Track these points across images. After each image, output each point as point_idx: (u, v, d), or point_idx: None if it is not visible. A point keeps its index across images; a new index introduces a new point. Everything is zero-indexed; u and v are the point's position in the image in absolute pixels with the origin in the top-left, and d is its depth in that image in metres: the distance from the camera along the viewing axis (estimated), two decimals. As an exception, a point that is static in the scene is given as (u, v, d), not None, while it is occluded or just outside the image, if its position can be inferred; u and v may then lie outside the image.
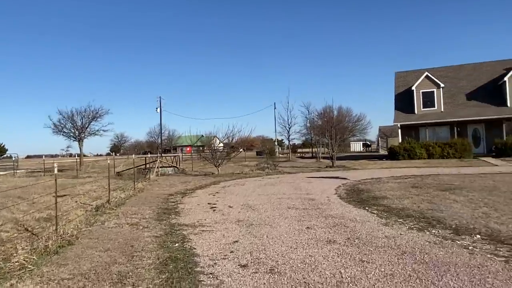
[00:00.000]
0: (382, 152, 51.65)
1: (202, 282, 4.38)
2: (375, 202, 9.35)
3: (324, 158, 34.23)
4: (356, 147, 59.58)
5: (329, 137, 22.95)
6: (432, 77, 30.00)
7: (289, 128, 40.61)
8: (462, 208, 8.11)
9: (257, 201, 10.40)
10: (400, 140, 29.61)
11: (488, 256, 4.86)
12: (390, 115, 30.94)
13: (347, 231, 6.50)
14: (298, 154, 51.90)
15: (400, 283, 4.06)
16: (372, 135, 76.05)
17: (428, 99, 30.04)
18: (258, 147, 59.91)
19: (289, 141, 43.58)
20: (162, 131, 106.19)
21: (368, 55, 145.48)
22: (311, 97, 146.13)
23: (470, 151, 26.50)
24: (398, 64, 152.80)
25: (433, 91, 29.94)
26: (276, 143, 48.66)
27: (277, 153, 47.17)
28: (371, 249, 5.39)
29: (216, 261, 5.13)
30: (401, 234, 6.15)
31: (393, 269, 4.49)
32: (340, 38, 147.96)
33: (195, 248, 5.86)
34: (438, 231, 6.28)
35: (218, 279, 4.47)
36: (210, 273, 4.66)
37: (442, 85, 29.61)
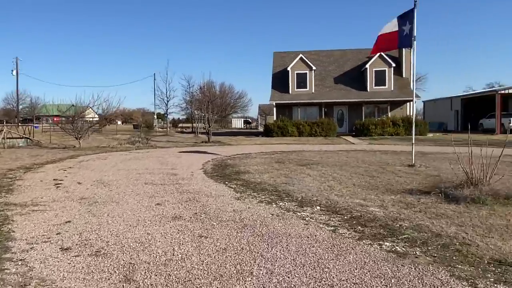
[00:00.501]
0: (261, 129, 53.99)
1: (6, 271, 3.63)
2: (236, 177, 9.38)
3: (202, 133, 34.07)
4: (237, 123, 61.09)
5: (206, 111, 22.74)
6: (306, 60, 31.96)
7: (168, 101, 39.19)
8: (312, 181, 8.62)
9: (114, 176, 9.56)
10: (275, 118, 31.10)
11: (320, 226, 5.12)
12: (269, 94, 32.11)
13: (197, 207, 6.27)
14: (179, 129, 50.87)
15: (231, 256, 3.94)
16: (253, 112, 79.01)
17: (302, 80, 32.02)
18: (137, 120, 56.88)
19: (166, 115, 42.19)
20: (23, 98, 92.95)
21: (251, 33, 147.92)
22: (194, 72, 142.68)
23: (335, 130, 29.24)
24: (280, 44, 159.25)
25: (306, 73, 31.99)
26: (155, 116, 46.73)
27: (156, 127, 45.38)
28: (214, 223, 5.23)
29: (34, 245, 4.37)
30: (249, 208, 6.16)
31: (228, 243, 4.37)
32: (222, 14, 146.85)
33: (13, 231, 4.95)
34: (285, 203, 6.48)
35: (27, 266, 3.76)
36: (21, 260, 3.92)
37: (314, 67, 31.80)
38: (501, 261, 3.86)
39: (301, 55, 32.08)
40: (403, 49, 32.52)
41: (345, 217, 5.59)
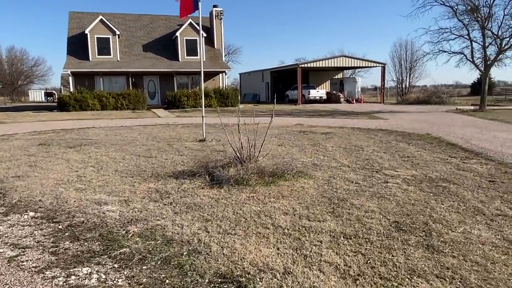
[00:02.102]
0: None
1: None
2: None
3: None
4: (37, 96, 51.51)
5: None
6: (108, 23, 28.21)
7: None
8: (61, 171, 6.63)
9: None
10: (71, 89, 26.71)
11: (8, 247, 3.31)
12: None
13: None
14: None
15: None
16: (57, 82, 67.92)
17: (104, 46, 28.24)
18: None
19: None
20: None
21: None
22: None
23: (144, 103, 27.00)
24: (81, 5, 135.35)
25: (109, 38, 28.31)
26: None
27: None
28: None
29: None
30: None
31: None
32: None
33: None
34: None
35: None
36: None
37: (118, 32, 28.38)
38: (226, 276, 2.87)
39: (101, 16, 28.04)
40: (214, 19, 32.34)
41: (60, 227, 3.96)
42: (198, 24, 30.76)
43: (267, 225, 3.94)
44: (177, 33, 30.12)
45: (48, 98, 50.89)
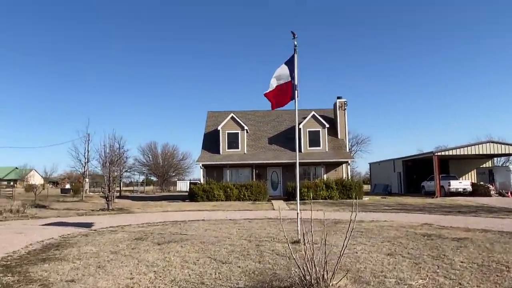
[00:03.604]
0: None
1: None
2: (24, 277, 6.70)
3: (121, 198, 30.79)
4: (184, 186, 57.74)
5: (105, 174, 19.90)
6: (237, 119, 30.59)
7: (86, 163, 35.54)
8: (127, 276, 6.12)
9: None
10: (202, 180, 28.71)
11: None
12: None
13: None
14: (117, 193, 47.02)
15: None
16: (198, 173, 74.37)
17: (233, 141, 30.34)
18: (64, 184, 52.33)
19: (84, 177, 38.55)
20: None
21: (199, 94, 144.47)
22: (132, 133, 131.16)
23: (265, 194, 27.06)
24: (221, 105, 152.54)
25: (238, 133, 30.43)
26: (87, 179, 42.88)
27: (87, 190, 41.42)
28: None
29: None
30: None
31: None
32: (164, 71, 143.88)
33: None
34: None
35: None
36: None
37: (246, 127, 30.38)
38: None
39: (232, 114, 30.73)
40: (338, 110, 32.16)
41: None
42: (321, 116, 31.12)
43: None
44: (300, 126, 30.61)
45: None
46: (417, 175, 37.67)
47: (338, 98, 32.49)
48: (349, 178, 28.80)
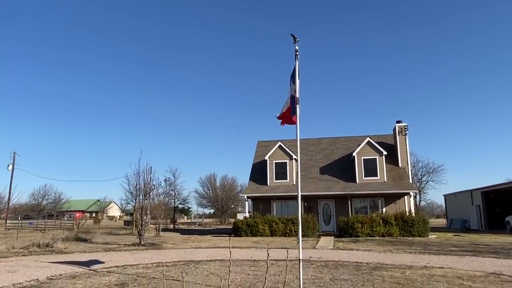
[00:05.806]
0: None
1: None
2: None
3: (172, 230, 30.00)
4: (241, 217, 56.63)
5: (138, 208, 19.26)
6: (285, 148, 28.90)
7: (137, 196, 35.62)
8: None
9: None
10: (246, 214, 27.14)
11: None
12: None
13: None
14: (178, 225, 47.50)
15: None
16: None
17: (281, 171, 28.59)
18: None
19: (134, 209, 38.77)
20: (49, 194, 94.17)
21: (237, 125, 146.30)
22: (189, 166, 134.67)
23: (315, 229, 24.59)
24: (273, 135, 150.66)
25: (286, 162, 28.65)
26: (148, 212, 43.70)
27: (148, 223, 41.94)
28: None
29: None
30: None
31: None
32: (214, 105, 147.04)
33: None
34: None
35: None
36: None
37: (294, 156, 28.50)
38: None
39: (280, 143, 29.15)
40: (398, 135, 29.09)
41: None
42: (379, 143, 28.23)
43: None
44: (354, 153, 28.04)
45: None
46: (500, 209, 32.37)
47: (398, 122, 29.45)
48: (412, 212, 25.22)
